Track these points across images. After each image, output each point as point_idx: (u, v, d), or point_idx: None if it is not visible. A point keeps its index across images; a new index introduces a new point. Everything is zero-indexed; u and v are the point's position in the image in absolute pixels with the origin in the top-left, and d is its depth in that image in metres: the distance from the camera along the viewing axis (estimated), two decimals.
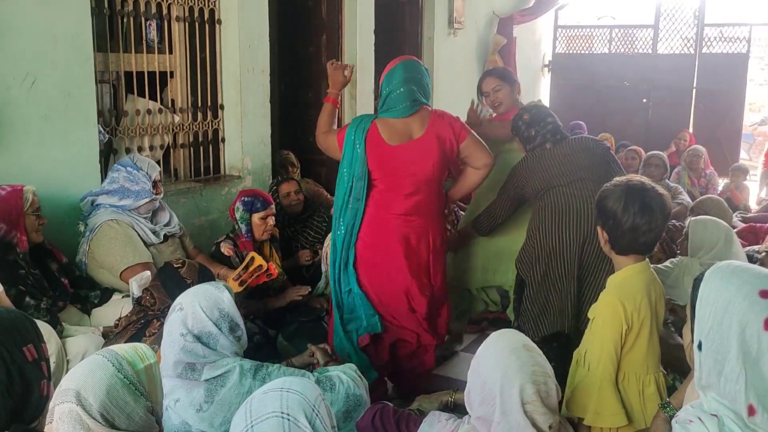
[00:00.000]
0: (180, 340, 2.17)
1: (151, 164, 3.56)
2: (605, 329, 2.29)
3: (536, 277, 3.19)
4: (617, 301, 2.29)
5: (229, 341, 2.25)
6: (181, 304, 2.24)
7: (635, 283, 2.34)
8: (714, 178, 6.94)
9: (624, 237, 2.36)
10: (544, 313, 3.17)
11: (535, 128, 3.34)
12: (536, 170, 3.28)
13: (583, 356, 2.43)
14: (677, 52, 9.31)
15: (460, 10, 7.18)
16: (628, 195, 2.34)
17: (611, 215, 2.36)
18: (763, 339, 1.42)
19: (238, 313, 2.30)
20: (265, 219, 3.68)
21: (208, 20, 4.39)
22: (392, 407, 2.29)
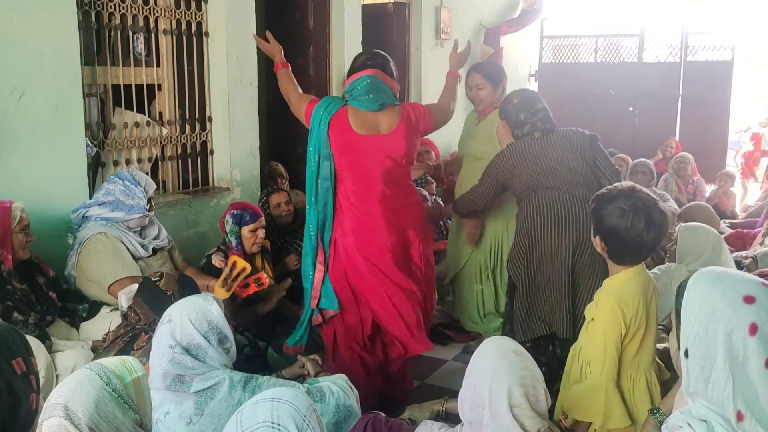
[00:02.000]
0: (169, 352, 2.16)
1: (148, 181, 3.57)
2: (607, 333, 2.31)
3: (527, 279, 3.14)
4: (616, 306, 2.31)
5: (218, 353, 2.24)
6: (170, 316, 2.23)
7: (633, 287, 2.36)
8: (701, 184, 6.99)
9: (628, 252, 2.38)
10: (531, 317, 3.13)
11: (524, 113, 3.21)
12: (523, 161, 3.17)
13: (578, 353, 2.45)
14: (663, 61, 9.39)
15: (447, 20, 7.23)
16: (635, 213, 2.33)
17: (614, 231, 2.36)
18: (749, 344, 1.43)
19: (228, 325, 2.29)
20: (254, 231, 3.68)
21: (195, 33, 4.39)
22: (384, 416, 2.29)
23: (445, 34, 7.22)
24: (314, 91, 5.78)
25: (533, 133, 3.19)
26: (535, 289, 3.13)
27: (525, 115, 3.21)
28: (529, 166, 3.15)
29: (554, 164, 3.11)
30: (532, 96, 3.35)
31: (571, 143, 3.17)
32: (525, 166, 3.15)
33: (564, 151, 3.14)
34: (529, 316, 3.14)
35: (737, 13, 11.05)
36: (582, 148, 3.16)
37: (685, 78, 9.13)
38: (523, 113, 3.22)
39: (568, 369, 2.52)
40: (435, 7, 7.10)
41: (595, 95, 9.38)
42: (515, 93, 3.38)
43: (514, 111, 3.24)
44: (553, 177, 3.10)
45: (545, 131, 3.19)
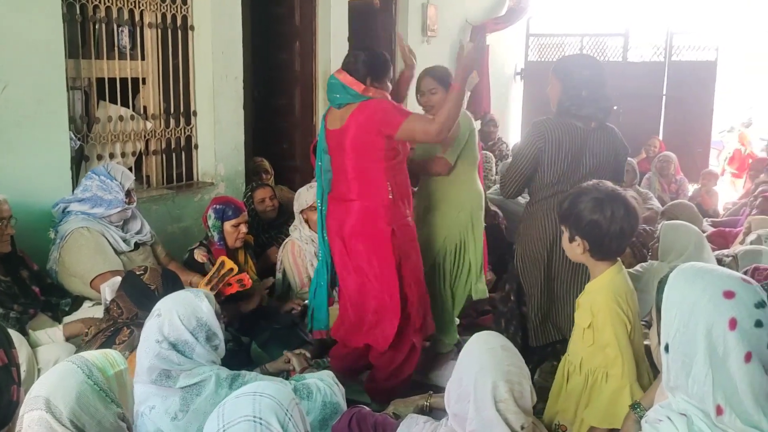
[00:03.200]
0: (155, 347, 2.15)
1: (125, 173, 3.53)
2: (618, 334, 2.27)
3: (545, 286, 3.05)
4: (614, 304, 2.31)
5: (206, 350, 2.23)
6: (160, 310, 2.22)
7: (621, 283, 2.37)
8: (684, 183, 7.05)
9: (611, 243, 2.37)
10: (546, 322, 3.08)
11: (588, 90, 2.94)
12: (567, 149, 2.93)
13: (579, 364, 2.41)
14: (647, 60, 9.45)
15: (434, 18, 7.23)
16: (611, 201, 2.34)
17: (596, 225, 2.34)
18: (729, 339, 1.44)
19: (217, 323, 2.28)
20: (237, 226, 3.66)
21: (180, 27, 4.37)
22: (368, 411, 2.30)
23: (431, 31, 7.22)
24: (300, 87, 5.79)
25: (591, 121, 2.97)
26: (553, 296, 3.08)
27: (590, 94, 2.95)
28: (571, 154, 2.96)
29: (594, 167, 2.98)
30: (603, 76, 3.04)
31: (615, 148, 3.05)
32: (567, 151, 2.96)
33: (607, 155, 3.00)
34: (544, 321, 3.10)
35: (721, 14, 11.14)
36: (620, 155, 3.08)
37: (669, 77, 9.19)
38: (588, 90, 2.95)
39: (560, 381, 2.50)
40: (422, 3, 7.10)
41: None
42: (587, 61, 3.11)
43: (580, 82, 2.96)
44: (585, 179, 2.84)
45: (600, 122, 2.99)
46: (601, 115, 2.99)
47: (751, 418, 1.43)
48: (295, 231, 4.07)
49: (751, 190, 6.04)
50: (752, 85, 12.21)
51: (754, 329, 1.44)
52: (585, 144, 2.98)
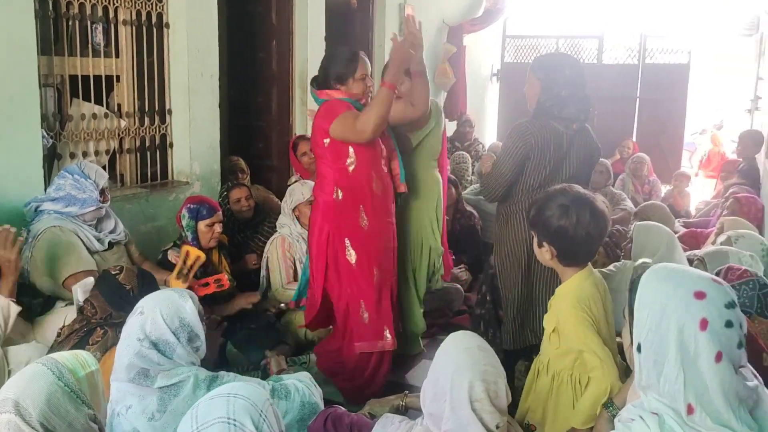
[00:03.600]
0: (136, 345, 2.13)
1: (99, 172, 3.49)
2: (586, 338, 2.27)
3: (525, 290, 3.06)
4: (578, 309, 2.30)
5: (187, 351, 2.21)
6: (143, 308, 2.19)
7: (588, 288, 2.37)
8: (657, 184, 7.13)
9: (579, 249, 2.37)
10: (524, 326, 3.09)
11: (570, 90, 2.90)
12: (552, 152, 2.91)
13: (545, 366, 2.44)
14: (621, 63, 9.55)
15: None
16: (578, 206, 2.33)
17: (562, 231, 2.34)
18: (700, 339, 1.46)
19: (200, 324, 2.25)
20: (211, 226, 3.64)
21: (155, 24, 4.33)
22: (344, 411, 2.30)
23: None
24: (276, 86, 5.77)
25: (572, 123, 2.93)
26: (532, 299, 3.08)
27: (570, 94, 2.91)
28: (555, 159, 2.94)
29: (574, 171, 2.98)
30: (581, 75, 2.98)
31: (593, 151, 3.06)
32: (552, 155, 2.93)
33: (585, 159, 3.00)
34: (522, 325, 3.09)
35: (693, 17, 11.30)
36: (595, 159, 3.10)
37: (642, 80, 9.29)
38: (568, 90, 2.91)
39: (530, 383, 2.52)
40: (399, 4, 7.11)
41: None
42: (567, 61, 3.06)
43: (561, 82, 2.92)
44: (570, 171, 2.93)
45: (580, 125, 2.95)
46: (582, 117, 2.95)
47: (721, 416, 1.45)
48: (284, 228, 4.04)
49: (722, 192, 6.13)
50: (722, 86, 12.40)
51: (725, 329, 1.46)
52: (569, 148, 2.97)
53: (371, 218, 3.22)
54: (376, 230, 3.25)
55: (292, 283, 3.95)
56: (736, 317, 1.48)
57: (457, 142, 7.85)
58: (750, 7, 9.42)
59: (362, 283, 3.25)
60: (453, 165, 6.74)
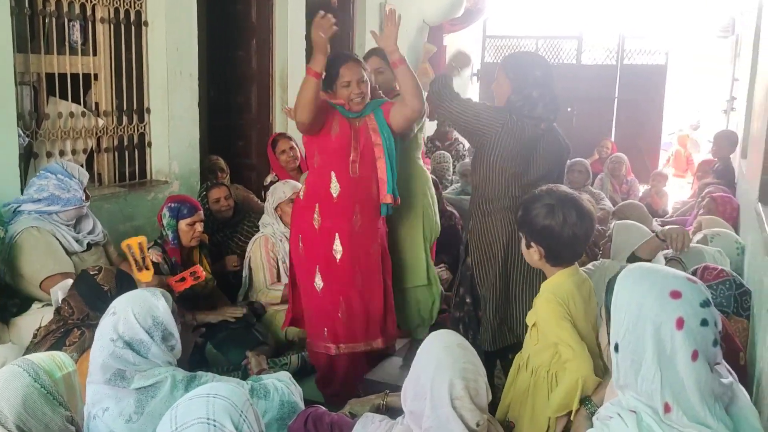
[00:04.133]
0: (110, 345, 2.11)
1: (81, 171, 3.46)
2: (561, 330, 2.28)
3: (502, 289, 3.05)
4: (554, 301, 2.32)
5: (162, 350, 2.19)
6: (115, 308, 2.18)
7: (568, 286, 2.37)
8: (635, 184, 7.20)
9: (565, 249, 2.37)
10: (503, 325, 3.08)
11: (540, 91, 2.92)
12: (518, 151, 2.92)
13: (525, 361, 2.46)
14: (600, 63, 9.63)
15: None
16: (564, 206, 2.34)
17: (549, 230, 2.35)
18: (677, 338, 1.48)
19: (174, 322, 2.24)
20: (192, 225, 3.62)
21: (134, 22, 4.29)
22: (324, 410, 2.30)
23: None
24: (256, 85, 5.75)
25: (541, 122, 2.94)
26: (509, 298, 3.08)
27: (540, 94, 2.92)
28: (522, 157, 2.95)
29: (542, 172, 2.99)
30: (551, 75, 3.00)
31: (561, 150, 3.08)
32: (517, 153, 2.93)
33: (553, 158, 3.02)
34: (501, 325, 3.08)
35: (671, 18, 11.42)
36: (564, 157, 3.13)
37: (621, 80, 9.39)
38: (539, 91, 2.92)
39: (511, 379, 2.53)
40: (379, 3, 7.11)
41: None
42: (538, 61, 3.08)
43: (532, 82, 2.93)
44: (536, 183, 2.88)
45: (549, 125, 2.98)
46: (551, 117, 2.97)
47: (698, 414, 1.47)
48: (266, 227, 4.02)
49: (698, 191, 6.20)
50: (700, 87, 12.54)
51: (700, 328, 1.48)
52: (537, 147, 2.98)
53: (325, 220, 3.25)
54: (326, 233, 3.26)
55: (276, 284, 3.94)
56: (711, 315, 1.50)
57: (437, 142, 7.87)
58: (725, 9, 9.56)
59: (304, 281, 3.34)
60: (434, 164, 6.76)
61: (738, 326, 2.68)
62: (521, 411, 2.44)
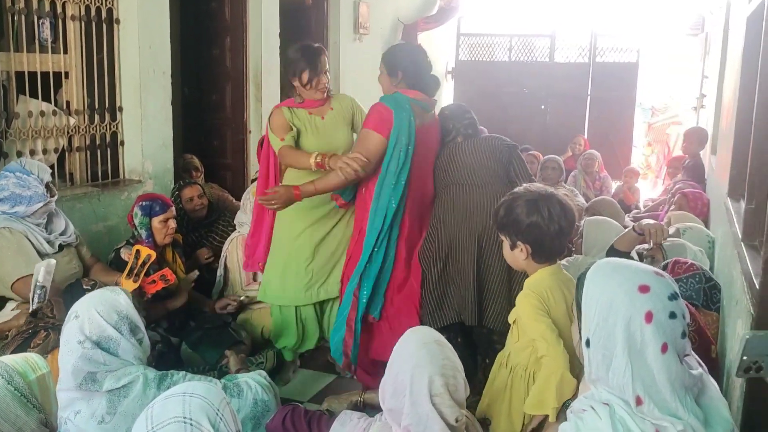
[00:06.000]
0: (78, 348, 2.08)
1: (41, 167, 3.38)
2: (538, 326, 2.29)
3: (436, 269, 3.26)
4: (533, 296, 2.34)
5: (131, 345, 2.18)
6: (77, 312, 2.15)
7: (548, 282, 2.39)
8: (607, 180, 7.27)
9: (552, 243, 2.39)
10: (442, 306, 3.26)
11: (452, 122, 3.47)
12: (445, 161, 3.39)
13: (506, 358, 2.49)
14: (573, 61, 9.72)
15: (366, 15, 7.25)
16: (546, 201, 2.37)
17: (534, 226, 2.36)
18: (646, 331, 1.50)
19: (138, 315, 2.23)
20: (165, 222, 3.59)
21: (105, 20, 4.24)
22: (303, 408, 2.30)
23: (363, 28, 7.24)
24: (231, 83, 5.72)
25: (457, 138, 3.45)
26: (446, 278, 3.26)
27: (453, 124, 3.48)
28: (449, 164, 3.37)
29: (470, 163, 3.32)
30: (462, 107, 3.62)
31: (490, 147, 3.38)
32: (446, 164, 3.38)
33: (481, 153, 3.35)
34: (440, 305, 3.26)
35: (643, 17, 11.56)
36: (500, 152, 3.37)
37: (593, 78, 9.48)
38: (452, 122, 3.49)
39: (493, 376, 2.55)
40: (353, 1, 7.11)
41: (509, 93, 9.61)
42: (448, 106, 3.71)
43: (443, 120, 3.51)
44: (468, 174, 3.32)
45: (467, 136, 3.44)
46: (462, 130, 3.45)
47: (669, 406, 1.49)
48: (243, 226, 3.97)
49: (669, 187, 6.29)
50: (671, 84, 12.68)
51: (669, 320, 1.51)
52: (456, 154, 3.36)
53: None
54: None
55: (251, 285, 3.92)
56: (679, 308, 1.53)
57: None
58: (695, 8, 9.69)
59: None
60: None
61: (708, 319, 2.72)
62: (499, 408, 2.46)
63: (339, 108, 3.55)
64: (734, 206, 3.25)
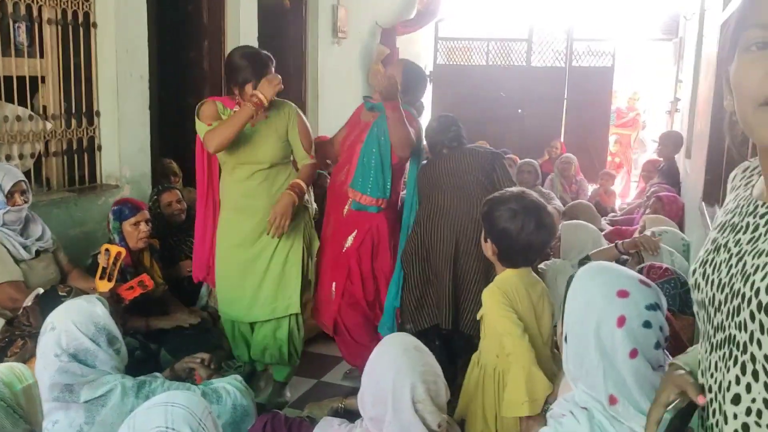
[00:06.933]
0: (55, 362, 2.06)
1: (8, 173, 3.30)
2: (504, 322, 2.34)
3: (415, 270, 3.36)
4: (498, 291, 2.39)
5: (109, 355, 2.16)
6: (53, 323, 2.13)
7: (514, 281, 2.45)
8: (584, 184, 7.35)
9: (517, 254, 2.46)
10: (422, 306, 3.33)
11: (440, 136, 3.60)
12: (429, 173, 3.50)
13: (478, 358, 2.52)
14: (549, 65, 9.81)
15: (344, 19, 7.25)
16: (526, 214, 2.42)
17: (506, 233, 2.43)
18: (617, 335, 1.54)
19: (115, 325, 2.21)
20: (136, 225, 3.57)
21: (82, 24, 4.20)
22: (283, 415, 2.30)
23: (342, 32, 7.24)
24: (209, 87, 5.69)
25: (442, 149, 3.58)
26: (424, 280, 3.34)
27: (440, 138, 3.61)
28: (434, 173, 3.50)
29: (454, 170, 3.41)
30: (448, 120, 3.70)
31: (473, 156, 3.46)
32: (429, 175, 3.51)
33: (464, 162, 3.44)
34: (419, 307, 3.34)
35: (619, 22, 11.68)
36: (483, 158, 3.45)
37: (569, 82, 9.57)
38: (439, 136, 3.62)
39: (468, 376, 2.58)
40: (332, 5, 7.11)
41: (487, 97, 9.66)
42: (435, 118, 3.80)
43: (432, 133, 3.66)
44: (450, 180, 3.40)
45: (452, 147, 3.55)
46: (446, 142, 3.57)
47: (641, 406, 1.52)
48: None
49: (645, 190, 6.37)
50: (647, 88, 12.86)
51: (642, 329, 1.54)
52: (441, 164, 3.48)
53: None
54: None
55: None
56: (656, 319, 1.57)
57: None
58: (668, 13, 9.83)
59: None
60: None
61: (684, 323, 2.76)
62: (474, 408, 2.49)
63: (275, 117, 3.37)
64: (709, 210, 3.31)
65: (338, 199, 3.58)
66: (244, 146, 3.29)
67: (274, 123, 3.36)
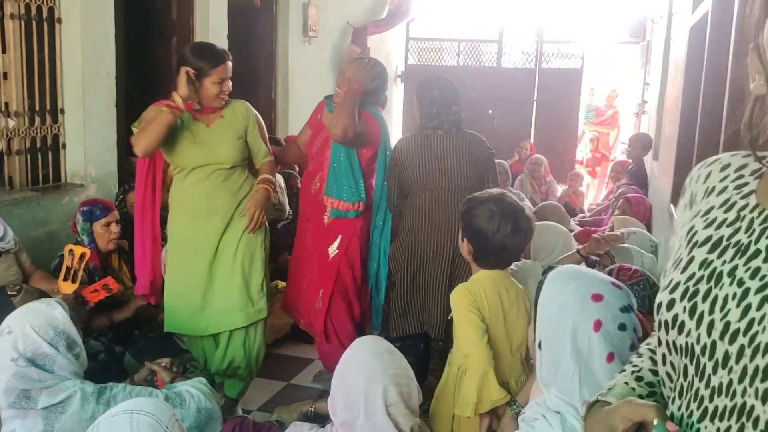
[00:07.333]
0: (11, 366, 2.00)
1: None
2: (464, 322, 2.35)
3: (408, 277, 3.23)
4: (465, 292, 2.39)
5: (68, 360, 2.11)
6: (10, 327, 2.06)
7: (484, 283, 2.45)
8: (553, 185, 7.41)
9: (491, 255, 2.46)
10: (407, 313, 3.23)
11: (437, 108, 3.27)
12: (421, 153, 3.23)
13: (450, 356, 2.52)
14: (519, 67, 9.87)
15: (315, 18, 7.21)
16: (502, 216, 2.41)
17: (481, 234, 2.43)
18: (593, 340, 1.53)
19: (75, 329, 2.15)
20: (107, 226, 3.50)
21: (47, 19, 4.11)
22: (252, 420, 2.27)
23: (312, 31, 7.20)
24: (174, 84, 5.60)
25: (438, 130, 3.26)
26: (414, 287, 3.22)
27: (438, 111, 3.27)
28: (425, 158, 3.23)
29: (448, 164, 3.22)
30: (452, 95, 3.36)
31: (470, 149, 3.27)
32: (421, 157, 3.24)
33: (461, 154, 3.24)
34: (404, 313, 3.23)
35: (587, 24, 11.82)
36: (479, 156, 3.29)
37: (539, 84, 9.66)
38: (437, 108, 3.28)
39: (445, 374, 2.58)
40: (303, 4, 7.07)
41: None
42: (437, 83, 3.39)
43: (430, 101, 3.30)
44: (443, 176, 3.22)
45: (448, 132, 3.27)
46: (446, 126, 3.27)
47: None
48: None
49: (614, 192, 6.43)
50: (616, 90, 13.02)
51: (618, 332, 1.54)
52: (440, 148, 3.24)
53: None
54: None
55: None
56: (630, 321, 1.56)
57: None
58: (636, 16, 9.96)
59: None
60: None
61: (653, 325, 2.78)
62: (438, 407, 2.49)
63: (230, 117, 3.22)
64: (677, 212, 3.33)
65: (317, 206, 3.43)
66: (196, 149, 3.14)
67: (231, 123, 3.21)
